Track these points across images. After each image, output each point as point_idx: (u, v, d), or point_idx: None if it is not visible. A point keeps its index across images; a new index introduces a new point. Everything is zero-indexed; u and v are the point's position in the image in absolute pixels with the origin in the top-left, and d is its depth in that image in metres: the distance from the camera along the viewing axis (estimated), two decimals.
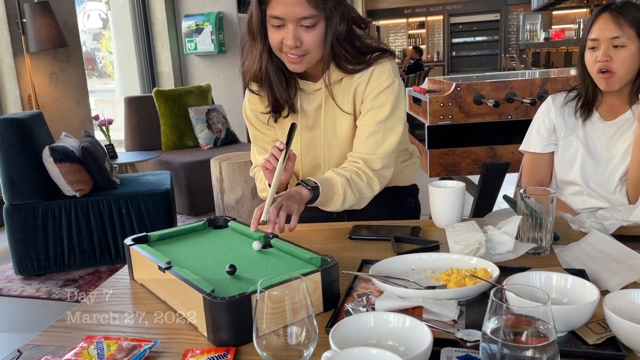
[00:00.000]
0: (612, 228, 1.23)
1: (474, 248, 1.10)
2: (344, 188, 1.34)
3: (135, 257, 1.12)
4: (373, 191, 1.42)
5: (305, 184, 1.29)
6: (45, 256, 3.23)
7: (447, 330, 0.82)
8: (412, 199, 1.66)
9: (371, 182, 1.40)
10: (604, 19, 1.51)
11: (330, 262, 0.97)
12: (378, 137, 1.40)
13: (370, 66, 1.38)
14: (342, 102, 1.42)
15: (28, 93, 3.99)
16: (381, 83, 1.38)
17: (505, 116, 2.58)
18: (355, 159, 1.41)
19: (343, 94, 1.42)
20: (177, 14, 5.92)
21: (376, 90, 1.39)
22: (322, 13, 1.27)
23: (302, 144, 1.49)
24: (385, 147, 1.41)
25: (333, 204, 1.35)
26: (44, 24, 3.81)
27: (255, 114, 1.52)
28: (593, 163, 1.60)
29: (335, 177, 1.35)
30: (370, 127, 1.40)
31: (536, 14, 11.79)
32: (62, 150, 3.15)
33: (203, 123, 4.81)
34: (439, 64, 15.21)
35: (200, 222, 1.28)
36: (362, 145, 1.41)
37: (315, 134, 1.48)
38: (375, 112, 1.40)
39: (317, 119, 1.46)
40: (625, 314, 0.76)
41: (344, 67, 1.37)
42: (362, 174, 1.39)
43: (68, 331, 0.95)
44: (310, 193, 1.27)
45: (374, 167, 1.41)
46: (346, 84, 1.41)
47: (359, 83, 1.40)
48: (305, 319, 0.68)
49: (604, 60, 1.49)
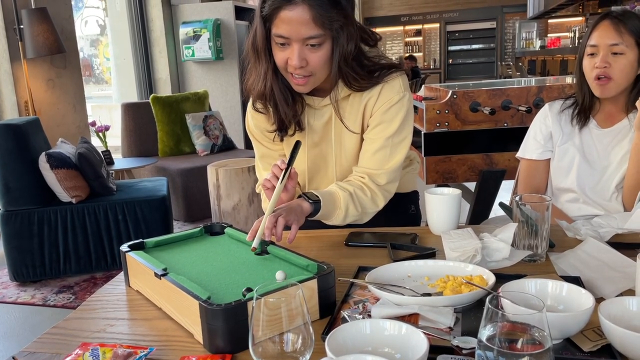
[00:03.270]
0: (607, 236, 1.23)
1: (470, 255, 1.10)
2: (346, 203, 1.32)
3: (131, 264, 1.12)
4: (377, 207, 1.40)
5: (307, 197, 1.27)
6: (41, 262, 3.21)
7: (443, 337, 0.83)
8: (413, 205, 1.65)
9: (375, 198, 1.38)
10: (605, 26, 1.52)
11: (327, 269, 0.97)
12: (385, 153, 1.38)
13: (379, 84, 1.36)
14: (349, 120, 1.39)
15: (25, 99, 3.99)
16: (391, 98, 1.36)
17: (501, 124, 2.60)
18: (360, 174, 1.39)
19: (351, 110, 1.39)
20: (174, 21, 5.94)
21: (386, 105, 1.37)
22: (328, 33, 1.23)
23: (309, 159, 1.47)
24: (393, 162, 1.39)
25: (334, 218, 1.34)
26: (41, 30, 3.82)
27: (261, 131, 1.48)
28: (589, 170, 1.61)
29: (338, 191, 1.33)
30: (379, 142, 1.38)
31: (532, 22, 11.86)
32: (59, 157, 3.14)
33: (200, 129, 4.82)
34: (436, 71, 15.26)
35: (197, 229, 1.28)
36: (369, 160, 1.39)
37: (323, 150, 1.46)
38: (384, 126, 1.38)
39: (325, 134, 1.44)
40: (620, 321, 0.76)
41: (351, 85, 1.34)
42: (366, 189, 1.37)
43: (63, 338, 0.95)
44: (311, 207, 1.26)
45: (380, 182, 1.39)
46: (354, 100, 1.39)
47: (369, 98, 1.37)
48: (302, 326, 0.68)
49: (602, 67, 1.50)
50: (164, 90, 5.90)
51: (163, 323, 0.97)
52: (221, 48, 5.70)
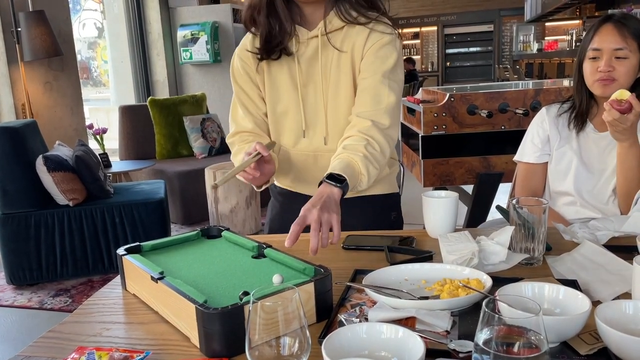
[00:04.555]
0: (604, 239, 1.23)
1: (467, 258, 1.10)
2: (365, 166, 1.29)
3: (128, 268, 1.12)
4: (386, 157, 1.36)
5: (332, 181, 1.21)
6: (38, 266, 3.21)
7: (440, 341, 0.82)
8: (395, 212, 1.59)
9: (384, 149, 1.34)
10: (608, 29, 1.51)
11: (324, 273, 0.97)
12: (383, 89, 1.34)
13: (370, 22, 1.34)
14: (340, 47, 1.37)
15: (22, 102, 3.98)
16: (383, 37, 1.35)
17: (498, 127, 2.60)
18: (363, 120, 1.34)
19: (342, 43, 1.37)
20: (172, 24, 5.94)
21: (378, 44, 1.35)
22: None
23: (293, 104, 1.42)
24: (390, 99, 1.35)
25: (359, 185, 1.30)
26: (38, 33, 3.82)
27: (244, 67, 1.45)
28: (586, 174, 1.61)
29: (352, 156, 1.29)
30: (375, 77, 1.35)
31: (529, 26, 11.89)
32: (56, 159, 3.14)
33: (198, 132, 4.82)
34: (433, 74, 15.29)
35: (194, 232, 1.28)
36: (367, 100, 1.35)
37: (311, 87, 1.41)
38: (379, 63, 1.35)
39: (312, 68, 1.40)
40: (616, 324, 0.76)
41: (345, 13, 1.33)
42: (373, 141, 1.32)
43: (59, 342, 0.94)
44: (340, 191, 1.20)
45: (383, 124, 1.34)
46: (347, 34, 1.37)
47: (357, 38, 1.35)
48: (298, 330, 0.68)
49: (607, 70, 1.49)
50: (161, 93, 5.90)
51: (159, 327, 0.97)
52: (219, 51, 5.71)
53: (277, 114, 1.46)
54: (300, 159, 1.48)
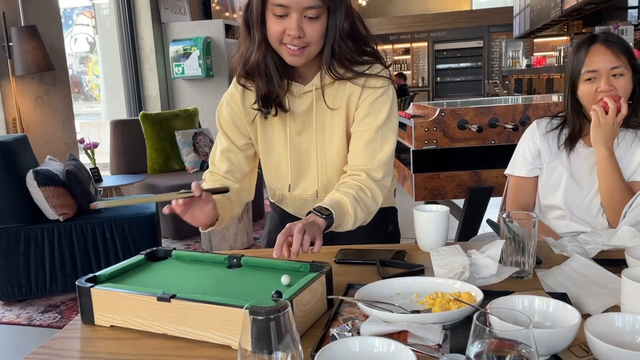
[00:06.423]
0: (593, 252, 1.25)
1: (459, 272, 1.11)
2: (353, 207, 1.31)
3: (101, 298, 1.03)
4: (377, 204, 1.39)
5: (318, 213, 1.25)
6: (27, 281, 3.17)
7: (431, 354, 0.83)
8: (392, 225, 1.64)
9: (375, 196, 1.37)
10: (600, 50, 1.53)
11: (325, 265, 1.07)
12: (376, 144, 1.38)
13: (364, 74, 1.37)
14: (333, 104, 1.40)
15: (13, 116, 3.97)
16: (376, 89, 1.38)
17: (488, 141, 2.62)
18: (356, 172, 1.38)
19: (334, 100, 1.40)
20: (164, 39, 5.96)
21: (372, 97, 1.38)
22: (326, 5, 1.27)
23: (291, 149, 1.45)
24: (383, 153, 1.39)
25: (345, 224, 1.32)
26: (30, 48, 3.82)
27: (232, 117, 1.46)
28: (576, 188, 1.63)
29: (342, 197, 1.32)
30: (369, 133, 1.38)
31: (518, 42, 12.06)
32: (46, 174, 3.12)
33: (189, 146, 4.82)
34: (424, 89, 15.43)
35: (140, 257, 1.22)
36: (361, 153, 1.38)
37: (304, 138, 1.44)
38: (372, 117, 1.38)
39: (306, 121, 1.43)
40: (606, 337, 0.77)
41: (337, 70, 1.35)
42: (366, 188, 1.36)
43: (49, 358, 0.94)
44: (325, 221, 1.24)
45: (376, 177, 1.38)
46: (339, 87, 1.39)
47: (353, 91, 1.39)
48: (291, 344, 0.68)
49: (609, 90, 1.51)
50: (153, 108, 5.90)
51: (151, 342, 0.96)
52: (211, 66, 5.73)
53: (270, 164, 1.50)
54: (296, 204, 1.54)
